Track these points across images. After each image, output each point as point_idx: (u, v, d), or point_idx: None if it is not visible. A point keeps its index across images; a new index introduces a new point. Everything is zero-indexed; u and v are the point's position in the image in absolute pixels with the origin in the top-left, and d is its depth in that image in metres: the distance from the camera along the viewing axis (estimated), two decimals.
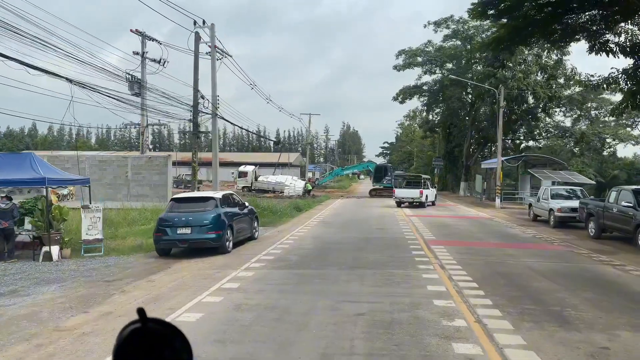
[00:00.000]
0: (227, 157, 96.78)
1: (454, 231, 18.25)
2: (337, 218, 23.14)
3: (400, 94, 47.65)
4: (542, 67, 37.06)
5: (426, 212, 27.86)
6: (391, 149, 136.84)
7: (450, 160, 56.82)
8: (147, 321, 0.92)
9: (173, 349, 0.93)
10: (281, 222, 20.77)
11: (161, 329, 0.94)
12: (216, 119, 27.66)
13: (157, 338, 0.93)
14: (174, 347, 0.93)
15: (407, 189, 31.28)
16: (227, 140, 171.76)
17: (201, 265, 11.45)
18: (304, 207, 28.51)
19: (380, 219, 22.70)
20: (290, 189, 44.45)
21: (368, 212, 26.77)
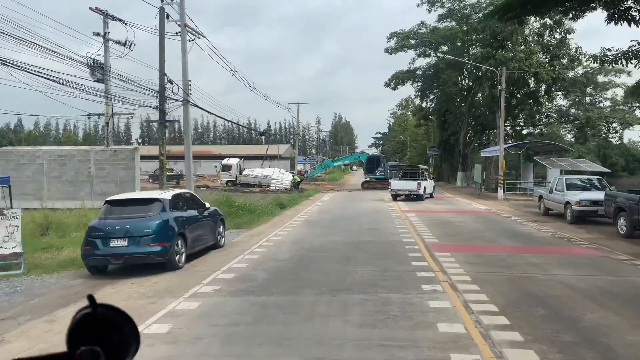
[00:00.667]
0: (214, 149, 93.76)
1: (458, 230, 15.61)
2: (324, 216, 20.45)
3: (392, 79, 44.83)
4: (545, 47, 34.40)
5: (424, 206, 25.22)
6: (384, 140, 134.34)
7: (445, 149, 54.28)
8: (97, 307, 0.97)
9: (122, 333, 0.97)
10: (259, 223, 18.04)
11: (111, 315, 0.98)
12: (188, 106, 24.81)
13: (107, 323, 0.97)
14: (122, 332, 0.97)
15: (404, 181, 28.65)
16: (217, 133, 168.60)
17: (137, 289, 8.71)
18: (288, 203, 25.78)
19: (372, 216, 20.04)
20: (277, 183, 41.71)
21: (359, 208, 24.10)
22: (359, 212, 21.94)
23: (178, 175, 52.70)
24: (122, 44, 25.18)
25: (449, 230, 15.54)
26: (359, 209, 23.54)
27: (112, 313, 0.99)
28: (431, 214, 20.83)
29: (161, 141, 22.78)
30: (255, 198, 29.74)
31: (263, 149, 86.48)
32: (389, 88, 45.13)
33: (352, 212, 21.94)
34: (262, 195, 32.34)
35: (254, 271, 9.84)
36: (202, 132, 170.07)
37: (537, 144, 31.88)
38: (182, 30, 25.08)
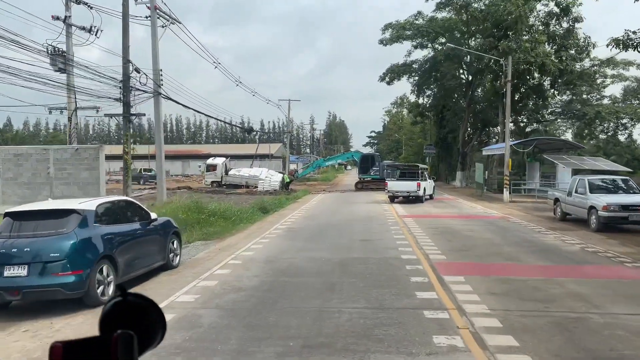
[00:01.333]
0: (204, 149, 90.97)
1: (468, 243, 13.04)
2: (310, 223, 17.84)
3: (387, 73, 42.26)
4: (551, 37, 31.93)
5: (424, 209, 22.68)
6: (379, 138, 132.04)
7: (443, 147, 51.88)
8: (127, 295, 1.04)
9: (149, 319, 1.05)
10: (232, 233, 15.41)
11: (140, 302, 1.05)
12: (159, 98, 22.18)
13: (136, 309, 1.04)
14: (150, 317, 1.05)
15: (402, 181, 26.12)
16: (210, 132, 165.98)
17: (25, 342, 6.08)
18: (273, 206, 23.15)
19: (366, 223, 17.46)
20: (265, 183, 39.07)
21: (351, 212, 21.53)
22: (350, 217, 19.36)
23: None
24: (88, 30, 22.42)
25: (458, 243, 12.97)
26: (351, 213, 20.96)
27: (141, 301, 1.05)
28: (433, 220, 18.28)
29: (125, 138, 20.18)
30: (237, 200, 27.14)
31: (261, 148, 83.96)
32: (384, 83, 42.66)
33: (343, 217, 19.35)
34: (246, 198, 29.73)
35: (203, 309, 7.21)
36: (194, 132, 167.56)
37: (545, 141, 29.42)
38: (152, 13, 22.44)
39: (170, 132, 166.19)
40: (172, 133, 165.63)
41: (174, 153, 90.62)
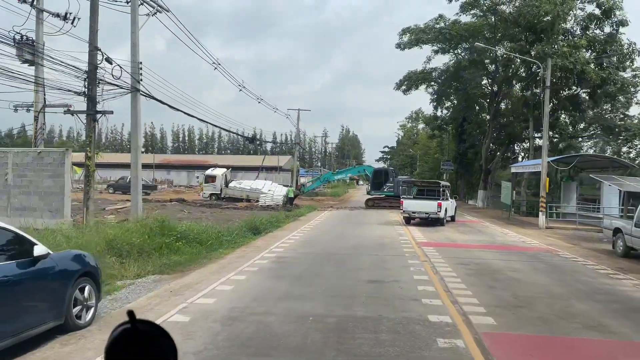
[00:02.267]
0: (212, 159, 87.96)
1: (518, 291, 9.35)
2: (306, 251, 14.28)
3: (404, 81, 38.78)
4: (591, 41, 28.29)
5: (446, 235, 19.01)
6: (392, 154, 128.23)
7: (462, 163, 48.13)
8: (136, 322, 0.98)
9: (160, 348, 0.98)
10: (203, 263, 11.90)
11: (149, 330, 0.99)
12: (138, 96, 18.94)
13: (146, 338, 0.98)
14: (161, 346, 0.98)
15: (420, 200, 22.51)
16: (222, 144, 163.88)
17: None
18: (267, 225, 19.65)
19: (377, 253, 13.85)
20: (267, 198, 35.69)
21: (360, 236, 17.94)
22: (358, 244, 15.75)
23: (149, 184, 46.61)
24: (63, 18, 19.28)
25: (504, 292, 9.30)
26: (360, 238, 17.36)
27: (151, 328, 0.98)
28: (461, 251, 14.61)
29: (89, 140, 16.86)
30: (231, 216, 23.70)
31: (269, 160, 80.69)
32: (400, 91, 39.16)
33: (349, 244, 15.75)
34: (242, 213, 26.30)
35: None
36: (206, 143, 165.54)
37: (588, 158, 25.61)
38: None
39: (183, 142, 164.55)
40: (185, 143, 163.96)
41: (180, 163, 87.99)
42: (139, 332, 0.97)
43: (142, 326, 0.98)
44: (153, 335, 0.99)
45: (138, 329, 0.98)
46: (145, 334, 0.98)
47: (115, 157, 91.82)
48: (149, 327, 0.99)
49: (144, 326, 0.99)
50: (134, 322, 0.98)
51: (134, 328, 0.97)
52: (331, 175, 42.67)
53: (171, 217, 23.21)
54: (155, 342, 0.98)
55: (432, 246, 15.47)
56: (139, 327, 0.98)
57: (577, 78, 26.82)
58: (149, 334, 0.98)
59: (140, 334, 0.97)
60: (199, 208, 29.56)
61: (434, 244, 16.01)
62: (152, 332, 0.99)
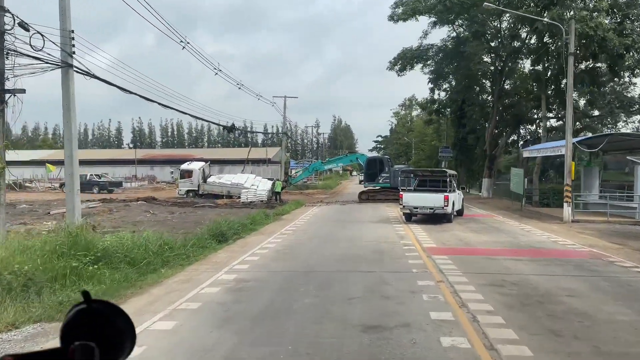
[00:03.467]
0: (197, 153, 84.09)
1: (601, 341, 5.85)
2: (279, 267, 10.70)
3: (398, 60, 35.06)
4: (612, 5, 24.74)
5: (457, 235, 15.49)
6: (385, 143, 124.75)
7: (461, 150, 44.60)
8: (92, 302, 0.96)
9: (116, 327, 0.96)
10: (126, 296, 8.30)
11: (106, 310, 0.97)
12: (71, 73, 15.23)
13: (101, 317, 0.96)
14: (116, 325, 0.96)
15: (424, 193, 19.00)
16: (212, 137, 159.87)
17: None
18: (239, 230, 16.06)
19: (372, 269, 10.26)
20: (250, 193, 32.07)
21: (351, 241, 14.38)
22: (348, 253, 12.19)
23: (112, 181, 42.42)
24: None
25: (580, 343, 5.76)
26: (350, 244, 13.80)
27: (107, 308, 0.97)
28: (484, 262, 11.10)
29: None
30: (201, 217, 20.09)
31: (256, 152, 76.79)
32: (394, 72, 35.42)
33: (337, 254, 12.19)
34: (216, 213, 22.73)
35: None
36: (196, 137, 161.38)
37: (618, 138, 22.02)
38: None
39: (172, 137, 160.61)
40: (174, 138, 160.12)
41: (165, 157, 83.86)
42: (95, 311, 0.94)
43: (98, 306, 0.95)
44: (109, 315, 0.95)
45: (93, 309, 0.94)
46: (101, 314, 0.94)
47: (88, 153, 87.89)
48: (105, 307, 0.96)
49: (100, 305, 0.95)
50: (89, 302, 0.95)
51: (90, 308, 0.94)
52: (320, 164, 38.91)
53: (128, 220, 19.63)
54: (111, 321, 0.94)
55: (445, 253, 11.97)
56: (94, 307, 0.95)
57: (598, 46, 23.26)
58: (105, 314, 0.95)
59: (96, 313, 0.94)
60: (168, 208, 25.93)
61: (445, 250, 12.52)
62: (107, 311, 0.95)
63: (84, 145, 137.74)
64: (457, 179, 22.57)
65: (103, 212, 21.70)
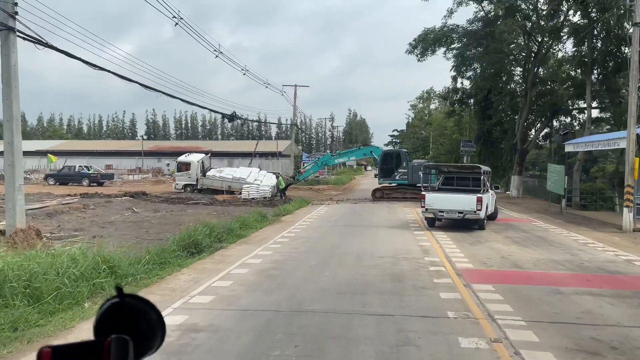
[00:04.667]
0: (205, 145, 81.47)
1: None
2: (256, 301, 7.53)
3: (419, 42, 31.51)
4: None
5: (498, 250, 12.11)
6: (402, 137, 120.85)
7: (486, 144, 40.90)
8: (124, 296, 0.98)
9: (148, 321, 0.98)
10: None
11: (138, 304, 0.99)
12: (12, 37, 12.22)
13: (134, 311, 0.98)
14: (149, 320, 0.98)
15: (451, 194, 15.60)
16: (226, 130, 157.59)
17: None
18: (223, 236, 12.95)
19: (389, 317, 7.02)
20: (252, 189, 28.98)
21: (360, 258, 11.14)
22: (356, 279, 8.92)
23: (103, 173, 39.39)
24: None
25: None
26: (360, 261, 10.54)
27: (139, 302, 0.99)
28: (546, 296, 7.78)
29: None
30: (192, 217, 16.99)
31: (265, 145, 73.70)
32: (414, 55, 31.85)
33: (339, 278, 8.93)
34: (209, 211, 19.72)
35: None
36: (210, 129, 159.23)
37: None
38: None
39: (185, 129, 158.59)
40: (187, 130, 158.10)
41: (172, 149, 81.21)
42: (128, 306, 0.96)
43: (131, 300, 0.97)
44: (142, 309, 0.97)
45: (126, 303, 0.97)
46: (133, 308, 0.97)
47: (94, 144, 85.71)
48: (137, 301, 0.98)
49: (133, 300, 0.97)
50: (122, 297, 0.97)
51: (122, 302, 0.96)
52: (330, 158, 35.35)
53: (98, 221, 16.65)
54: (143, 316, 0.97)
55: (488, 281, 8.68)
56: (127, 301, 0.97)
57: None
58: (137, 308, 0.97)
59: (128, 308, 0.96)
60: (156, 204, 22.93)
61: (489, 275, 9.23)
62: (140, 305, 0.97)
63: (98, 137, 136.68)
64: (490, 177, 19.07)
65: (76, 209, 18.78)
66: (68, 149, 72.77)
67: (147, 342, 0.96)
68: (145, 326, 0.97)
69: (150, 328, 0.98)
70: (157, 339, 0.99)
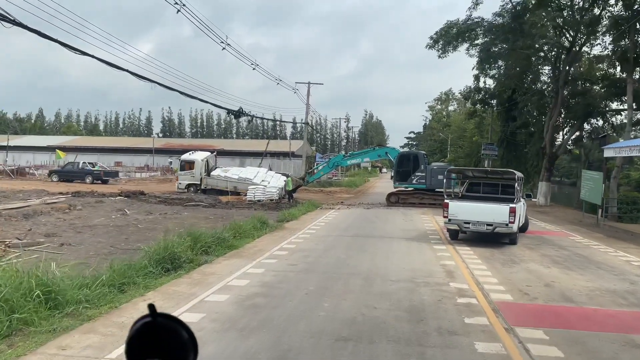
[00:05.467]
0: (218, 144, 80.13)
1: None
2: (227, 349, 5.59)
3: (440, 36, 29.35)
4: None
5: (537, 272, 9.93)
6: (418, 139, 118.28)
7: (509, 148, 38.64)
8: (156, 316, 0.96)
9: (180, 341, 0.97)
10: None
11: (169, 324, 0.97)
12: None
13: (166, 331, 0.96)
14: (181, 339, 0.97)
15: (478, 203, 13.46)
16: (241, 129, 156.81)
17: None
18: (211, 248, 11.05)
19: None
20: (258, 190, 27.11)
21: (369, 278, 9.14)
22: (362, 316, 6.92)
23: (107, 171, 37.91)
24: None
25: None
26: (369, 287, 8.51)
27: (171, 322, 0.96)
28: (623, 352, 5.70)
29: None
30: (188, 221, 15.14)
31: (276, 145, 71.91)
32: (435, 51, 29.73)
33: (341, 314, 6.92)
34: (207, 215, 17.93)
35: None
36: (225, 128, 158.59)
37: None
38: None
39: (201, 127, 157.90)
40: (203, 129, 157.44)
41: (183, 147, 79.79)
42: (160, 325, 0.94)
43: (163, 320, 0.95)
44: (174, 329, 0.95)
45: (158, 322, 0.95)
46: (165, 327, 0.95)
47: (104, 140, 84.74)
48: (169, 320, 0.96)
49: (165, 319, 0.96)
50: (154, 316, 0.96)
51: (155, 321, 0.95)
52: (342, 159, 33.16)
53: (79, 224, 14.89)
54: (175, 335, 0.95)
55: (536, 322, 6.65)
56: (158, 320, 0.95)
57: None
58: (170, 327, 0.95)
59: (160, 327, 0.94)
60: (153, 206, 21.17)
61: (534, 313, 7.19)
62: (172, 325, 0.95)
63: (114, 134, 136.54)
64: (522, 183, 16.85)
65: (59, 210, 17.09)
66: (80, 144, 71.92)
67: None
68: (177, 347, 0.93)
69: (182, 348, 0.94)
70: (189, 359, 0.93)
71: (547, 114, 30.31)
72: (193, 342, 0.98)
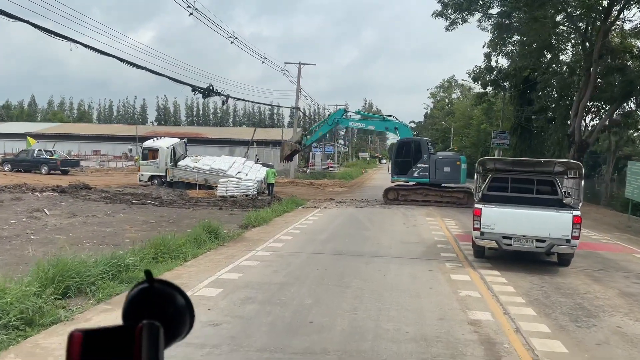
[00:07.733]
0: (206, 132, 75.35)
1: None
2: None
3: (448, 4, 24.79)
4: None
5: (625, 329, 5.60)
6: (419, 129, 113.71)
7: (523, 136, 34.30)
8: (154, 281, 0.97)
9: (177, 307, 0.98)
10: None
11: (166, 289, 0.99)
12: None
13: (162, 297, 0.97)
14: (178, 306, 0.98)
15: (526, 210, 9.01)
16: (238, 118, 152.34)
17: None
18: (87, 283, 6.71)
19: None
20: (231, 184, 22.76)
21: (345, 355, 4.82)
22: None
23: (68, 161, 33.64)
24: None
25: None
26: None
27: (168, 288, 0.98)
28: None
29: None
30: (85, 232, 10.74)
31: (265, 133, 67.35)
32: (443, 19, 25.17)
33: None
34: (152, 216, 13.59)
35: None
36: (221, 117, 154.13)
37: None
38: None
39: (197, 116, 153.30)
40: (199, 117, 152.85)
41: (169, 135, 75.34)
42: (156, 290, 0.95)
43: (159, 285, 0.96)
44: (170, 294, 0.95)
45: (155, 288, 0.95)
46: (162, 293, 0.95)
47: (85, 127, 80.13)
48: (166, 286, 0.96)
49: (160, 285, 0.96)
50: (151, 282, 0.96)
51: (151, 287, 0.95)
52: (342, 116, 26.94)
53: None
54: (172, 301, 0.95)
55: None
56: (155, 286, 0.95)
57: None
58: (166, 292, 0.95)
59: (157, 292, 0.94)
60: (90, 204, 16.77)
61: None
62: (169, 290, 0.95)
63: (108, 122, 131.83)
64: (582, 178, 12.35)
65: None
66: (59, 132, 67.35)
67: (175, 328, 0.94)
68: (173, 312, 0.95)
69: (179, 314, 0.96)
70: (185, 325, 0.96)
71: (571, 96, 25.86)
72: (189, 308, 0.96)
